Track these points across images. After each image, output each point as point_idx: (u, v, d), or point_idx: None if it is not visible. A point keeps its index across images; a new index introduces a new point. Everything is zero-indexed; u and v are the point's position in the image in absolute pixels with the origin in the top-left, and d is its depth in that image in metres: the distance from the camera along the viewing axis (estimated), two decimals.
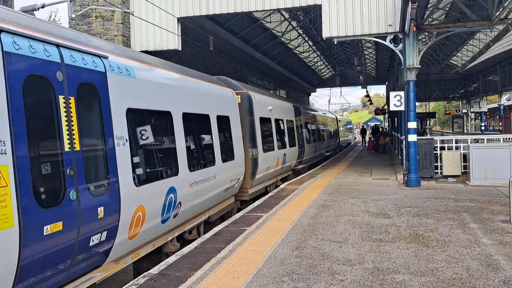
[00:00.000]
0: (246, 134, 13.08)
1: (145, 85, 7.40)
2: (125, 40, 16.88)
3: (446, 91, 45.33)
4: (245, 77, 31.70)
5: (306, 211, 10.16)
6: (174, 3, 16.78)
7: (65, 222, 5.11)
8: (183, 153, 8.52)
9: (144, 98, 7.31)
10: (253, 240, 7.82)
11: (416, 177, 14.02)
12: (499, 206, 10.27)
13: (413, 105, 14.26)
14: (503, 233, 7.87)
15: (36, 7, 12.54)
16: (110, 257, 6.19)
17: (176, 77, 8.94)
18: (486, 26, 14.23)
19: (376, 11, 15.18)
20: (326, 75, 55.33)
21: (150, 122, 7.50)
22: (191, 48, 22.10)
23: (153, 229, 7.36)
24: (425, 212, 9.80)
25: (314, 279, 5.81)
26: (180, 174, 8.21)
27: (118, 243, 6.25)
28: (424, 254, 6.74)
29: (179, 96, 8.71)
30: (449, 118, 58.70)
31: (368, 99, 57.34)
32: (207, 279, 5.88)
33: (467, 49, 31.21)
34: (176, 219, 8.23)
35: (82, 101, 5.68)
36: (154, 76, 7.87)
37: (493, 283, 5.52)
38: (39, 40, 5.03)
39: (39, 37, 5.04)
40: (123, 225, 6.30)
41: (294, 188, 13.99)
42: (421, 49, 14.28)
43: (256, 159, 13.14)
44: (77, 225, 5.32)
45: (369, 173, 17.88)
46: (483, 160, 14.07)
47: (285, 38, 31.70)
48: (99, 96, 6.05)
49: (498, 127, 41.66)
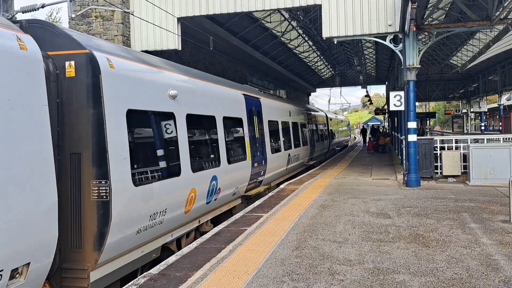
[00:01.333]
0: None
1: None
2: (125, 40, 16.88)
3: (446, 91, 45.33)
4: (245, 77, 31.71)
5: (306, 211, 10.16)
6: (174, 3, 16.78)
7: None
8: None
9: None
10: (253, 240, 7.82)
11: (416, 177, 14.03)
12: (499, 206, 10.27)
13: (413, 105, 14.26)
14: (503, 233, 7.87)
15: (36, 7, 12.54)
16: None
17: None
18: (486, 26, 14.23)
19: (376, 11, 15.18)
20: (326, 75, 55.33)
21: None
22: (191, 48, 22.10)
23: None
24: (425, 212, 9.80)
25: (314, 279, 5.81)
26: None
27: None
28: (424, 254, 6.74)
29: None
30: (449, 118, 58.76)
31: (368, 99, 57.35)
32: (207, 279, 5.88)
33: (467, 49, 31.21)
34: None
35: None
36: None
37: (493, 283, 5.52)
38: None
39: None
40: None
41: (294, 188, 13.99)
42: (421, 49, 14.28)
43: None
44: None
45: (369, 173, 17.88)
46: (483, 160, 14.07)
47: (285, 38, 31.71)
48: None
49: (498, 127, 41.66)
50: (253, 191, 13.17)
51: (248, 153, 12.58)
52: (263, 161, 14.04)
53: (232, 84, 13.05)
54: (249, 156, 12.57)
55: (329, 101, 69.67)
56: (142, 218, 6.89)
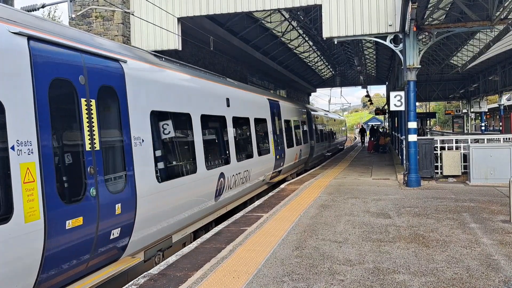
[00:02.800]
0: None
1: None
2: (125, 40, 16.88)
3: (446, 91, 45.33)
4: (245, 77, 31.72)
5: (306, 211, 10.16)
6: (174, 3, 16.78)
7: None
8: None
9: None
10: (253, 240, 7.82)
11: (416, 177, 14.02)
12: (499, 206, 10.26)
13: (413, 105, 14.26)
14: (503, 233, 7.87)
15: (36, 6, 12.54)
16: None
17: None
18: (486, 26, 14.22)
19: (376, 11, 15.18)
20: (326, 75, 55.34)
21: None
22: (191, 48, 22.10)
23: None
24: (425, 212, 9.80)
25: (314, 279, 5.81)
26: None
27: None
28: (424, 254, 6.74)
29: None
30: (449, 118, 58.75)
31: (368, 99, 57.37)
32: (207, 279, 5.88)
33: (467, 49, 31.21)
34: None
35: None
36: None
37: (493, 283, 5.52)
38: None
39: None
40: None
41: (295, 188, 13.99)
42: (421, 49, 14.27)
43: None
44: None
45: (369, 173, 17.88)
46: (483, 160, 14.06)
47: (285, 38, 31.71)
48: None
49: (498, 127, 41.66)
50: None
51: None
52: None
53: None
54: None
55: (329, 101, 69.72)
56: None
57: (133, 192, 6.53)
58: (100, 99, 5.99)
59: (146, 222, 6.90)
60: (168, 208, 7.64)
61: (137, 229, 6.66)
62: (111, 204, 5.99)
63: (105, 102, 6.24)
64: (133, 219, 6.52)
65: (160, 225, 7.44)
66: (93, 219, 5.60)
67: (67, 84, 5.45)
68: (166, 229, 7.73)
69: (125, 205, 6.30)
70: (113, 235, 6.04)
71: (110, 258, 6.23)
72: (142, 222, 6.77)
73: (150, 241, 7.25)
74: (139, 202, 6.60)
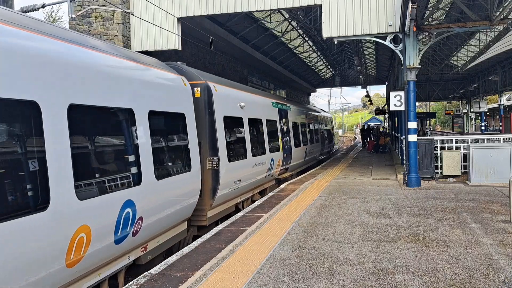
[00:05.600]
0: None
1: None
2: (125, 40, 16.88)
3: (446, 91, 45.35)
4: (245, 77, 31.72)
5: (306, 211, 10.16)
6: (174, 3, 16.78)
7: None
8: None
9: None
10: (254, 240, 7.83)
11: (416, 177, 14.02)
12: (499, 206, 10.27)
13: (413, 105, 14.26)
14: (503, 233, 7.87)
15: (36, 7, 12.54)
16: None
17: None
18: (486, 26, 14.22)
19: (376, 11, 15.18)
20: (326, 75, 55.34)
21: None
22: (191, 48, 22.10)
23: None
24: (425, 212, 9.81)
25: (315, 279, 5.81)
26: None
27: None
28: (424, 254, 6.74)
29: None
30: (449, 118, 58.76)
31: (368, 99, 57.38)
32: (208, 279, 5.88)
33: (467, 49, 31.22)
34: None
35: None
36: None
37: (493, 283, 5.52)
38: None
39: None
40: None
41: (295, 188, 13.99)
42: (421, 49, 14.28)
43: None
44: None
45: (369, 173, 17.88)
46: (483, 160, 14.06)
47: (285, 38, 31.70)
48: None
49: (498, 127, 41.64)
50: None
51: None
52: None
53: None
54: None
55: (329, 101, 69.73)
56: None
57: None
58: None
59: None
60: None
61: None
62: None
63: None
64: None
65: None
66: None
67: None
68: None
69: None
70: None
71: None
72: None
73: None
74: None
